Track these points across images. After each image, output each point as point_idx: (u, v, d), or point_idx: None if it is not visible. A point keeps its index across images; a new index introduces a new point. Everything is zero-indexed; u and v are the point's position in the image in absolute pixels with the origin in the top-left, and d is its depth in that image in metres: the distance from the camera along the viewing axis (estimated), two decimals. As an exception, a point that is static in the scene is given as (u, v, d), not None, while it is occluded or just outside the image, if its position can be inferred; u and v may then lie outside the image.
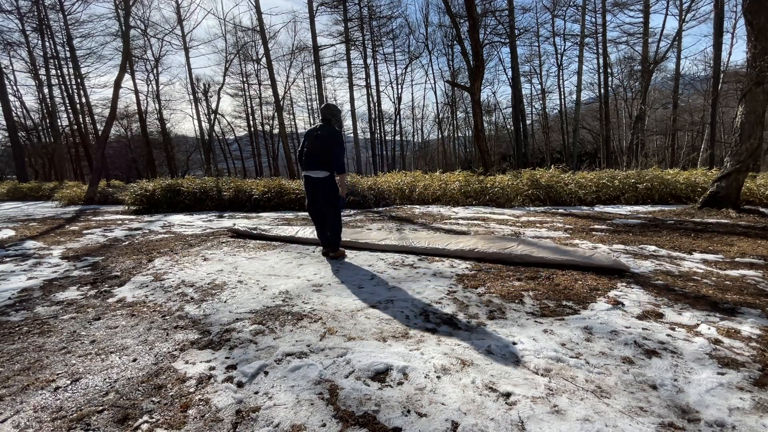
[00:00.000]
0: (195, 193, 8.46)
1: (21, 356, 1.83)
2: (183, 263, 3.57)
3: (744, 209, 5.85)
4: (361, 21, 24.39)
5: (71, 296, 2.70)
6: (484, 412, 1.35)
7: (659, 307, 2.23)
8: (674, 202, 7.38)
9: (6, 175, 28.53)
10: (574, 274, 2.91)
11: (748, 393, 1.42)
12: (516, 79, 20.39)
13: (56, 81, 21.19)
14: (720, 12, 14.14)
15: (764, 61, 5.47)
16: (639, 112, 16.41)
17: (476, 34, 10.25)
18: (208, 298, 2.60)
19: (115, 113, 11.75)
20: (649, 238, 4.11)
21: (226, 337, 1.98)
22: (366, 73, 26.11)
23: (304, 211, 7.66)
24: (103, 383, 1.57)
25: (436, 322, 2.13)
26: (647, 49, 18.22)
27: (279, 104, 17.72)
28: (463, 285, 2.74)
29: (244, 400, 1.44)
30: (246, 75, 28.84)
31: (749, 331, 1.90)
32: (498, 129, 33.20)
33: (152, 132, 26.62)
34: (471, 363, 1.68)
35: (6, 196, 14.00)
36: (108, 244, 4.61)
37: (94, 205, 10.07)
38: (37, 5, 18.32)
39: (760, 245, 3.67)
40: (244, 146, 33.80)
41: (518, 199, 7.76)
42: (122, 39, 11.51)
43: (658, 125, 24.89)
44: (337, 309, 2.34)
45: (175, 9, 21.64)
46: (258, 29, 17.30)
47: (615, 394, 1.44)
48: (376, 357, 1.73)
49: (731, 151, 5.99)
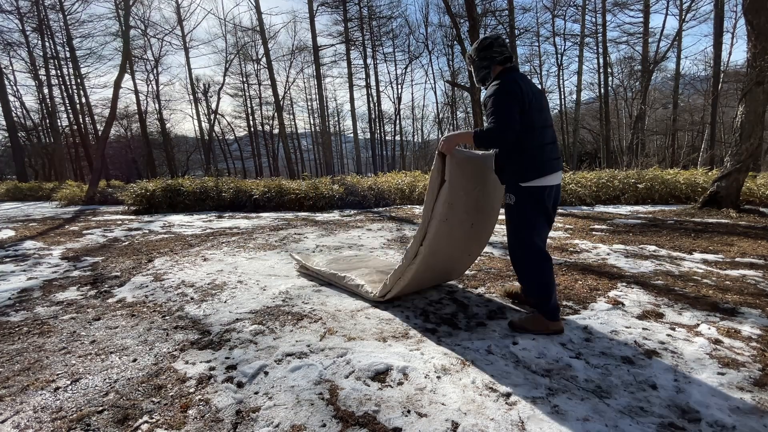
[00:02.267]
0: (195, 193, 8.46)
1: (21, 356, 1.83)
2: (183, 263, 3.57)
3: (744, 209, 5.84)
4: (361, 21, 24.39)
5: (71, 296, 2.70)
6: (484, 412, 1.35)
7: (659, 307, 2.23)
8: (674, 202, 7.38)
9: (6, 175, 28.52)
10: (574, 274, 2.91)
11: (749, 393, 1.42)
12: (516, 79, 20.33)
13: (56, 81, 21.17)
14: (720, 12, 14.13)
15: (764, 60, 5.46)
16: (639, 111, 16.41)
17: (476, 34, 10.25)
18: (208, 298, 2.60)
19: (115, 113, 11.75)
20: (649, 238, 4.11)
21: (226, 338, 1.97)
22: (366, 73, 26.12)
23: (304, 211, 7.65)
24: (103, 383, 1.57)
25: (436, 322, 2.13)
26: (647, 48, 18.22)
27: (279, 104, 17.72)
28: (463, 285, 2.73)
29: (244, 401, 1.44)
30: (246, 75, 28.84)
31: (749, 331, 1.90)
32: (498, 129, 33.11)
33: (152, 132, 26.60)
34: (471, 363, 1.67)
35: (6, 196, 14.00)
36: (108, 245, 4.61)
37: (94, 206, 10.06)
38: (37, 5, 18.31)
39: (760, 245, 3.67)
40: (244, 146, 33.79)
41: (518, 199, 7.75)
42: (122, 39, 11.51)
43: (658, 125, 24.88)
44: (337, 309, 2.34)
45: (175, 9, 21.68)
46: (258, 29, 17.31)
47: (615, 394, 1.43)
48: (376, 357, 1.73)
49: (731, 150, 5.98)
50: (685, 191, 7.50)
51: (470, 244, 2.38)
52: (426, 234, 2.09)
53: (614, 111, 24.75)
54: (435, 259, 2.22)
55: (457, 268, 2.59)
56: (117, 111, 12.69)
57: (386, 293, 2.33)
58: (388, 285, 2.31)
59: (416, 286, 2.44)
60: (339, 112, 37.13)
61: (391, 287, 2.30)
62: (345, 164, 39.94)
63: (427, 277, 2.42)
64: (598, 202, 7.66)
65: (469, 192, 2.10)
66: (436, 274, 2.48)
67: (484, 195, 2.20)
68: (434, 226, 2.03)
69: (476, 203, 2.17)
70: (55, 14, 19.31)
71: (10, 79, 21.31)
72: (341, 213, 7.24)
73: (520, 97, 1.75)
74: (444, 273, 2.55)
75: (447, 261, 2.37)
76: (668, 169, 9.65)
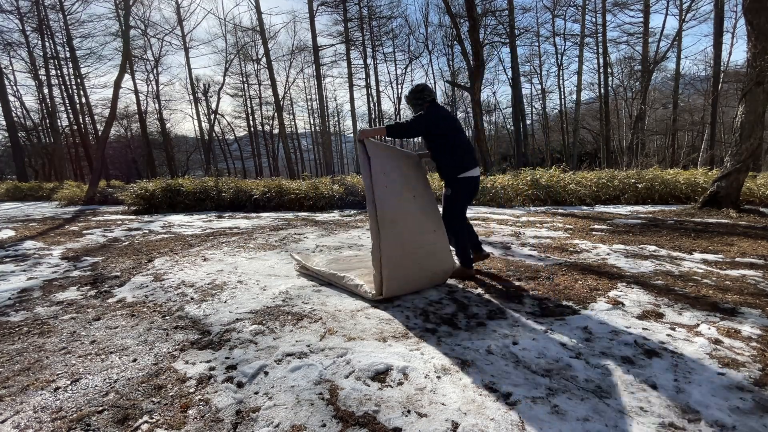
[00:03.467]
0: (195, 193, 8.46)
1: (21, 356, 1.83)
2: (183, 263, 3.57)
3: (744, 209, 5.84)
4: (361, 21, 24.37)
5: (71, 296, 2.70)
6: (484, 412, 1.35)
7: (659, 307, 2.23)
8: (674, 202, 7.38)
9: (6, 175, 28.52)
10: (574, 274, 2.91)
11: (749, 393, 1.42)
12: (516, 79, 20.38)
13: (56, 81, 21.17)
14: (720, 12, 14.13)
15: (764, 60, 5.46)
16: (639, 111, 16.40)
17: (476, 34, 10.25)
18: (208, 298, 2.60)
19: (115, 113, 11.74)
20: (649, 238, 4.11)
21: (227, 338, 1.97)
22: (366, 73, 26.10)
23: (304, 211, 7.66)
24: (103, 383, 1.57)
25: (436, 322, 2.13)
26: (647, 48, 18.22)
27: (279, 104, 17.72)
28: (463, 285, 2.73)
29: (244, 400, 1.44)
30: (246, 75, 28.83)
31: (749, 331, 1.90)
32: (498, 129, 33.19)
33: (152, 132, 26.59)
34: (471, 363, 1.67)
35: (6, 196, 14.00)
36: (108, 245, 4.61)
37: (94, 206, 10.06)
38: (37, 5, 18.31)
39: (760, 245, 3.67)
40: (244, 146, 33.78)
41: (518, 199, 7.76)
42: (122, 39, 11.51)
43: (658, 125, 24.88)
44: (337, 309, 2.34)
45: (175, 9, 21.66)
46: (258, 29, 17.31)
47: (615, 394, 1.43)
48: (376, 357, 1.73)
49: (731, 150, 5.98)
50: (685, 191, 7.50)
51: (425, 220, 2.57)
52: (376, 207, 2.27)
53: (614, 111, 24.76)
54: (399, 231, 2.36)
55: (436, 252, 2.59)
56: (117, 111, 12.69)
57: (380, 287, 2.34)
58: (377, 276, 2.34)
59: (406, 278, 2.44)
60: (339, 112, 37.14)
61: (380, 277, 2.31)
62: (345, 164, 39.93)
63: (410, 265, 2.42)
64: (598, 202, 7.66)
65: (394, 164, 2.50)
66: (419, 260, 2.48)
67: (409, 171, 2.64)
68: (379, 195, 2.28)
69: (406, 177, 2.56)
70: (55, 14, 19.33)
71: (10, 79, 21.31)
72: (341, 213, 7.24)
73: (434, 120, 2.60)
74: (427, 259, 2.53)
75: (415, 237, 2.47)
76: (668, 169, 9.65)
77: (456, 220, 2.74)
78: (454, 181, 2.69)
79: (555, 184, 7.93)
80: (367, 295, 2.43)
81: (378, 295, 2.37)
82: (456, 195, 2.71)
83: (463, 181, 2.68)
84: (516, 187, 7.99)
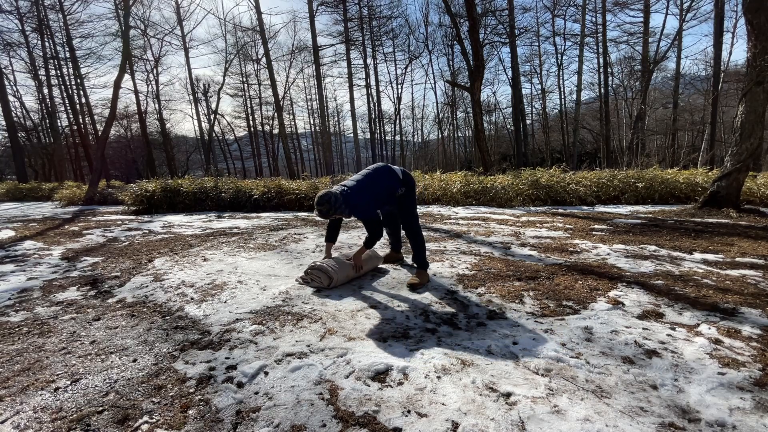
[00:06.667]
0: (195, 193, 8.46)
1: (21, 357, 1.83)
2: (183, 263, 3.57)
3: (744, 209, 5.84)
4: (361, 21, 24.37)
5: (71, 296, 2.70)
6: (484, 412, 1.35)
7: (659, 307, 2.23)
8: (674, 202, 7.38)
9: (6, 175, 28.53)
10: (574, 274, 2.91)
11: (749, 393, 1.42)
12: (516, 78, 20.39)
13: (56, 81, 21.17)
14: (720, 11, 14.13)
15: (764, 60, 5.46)
16: (639, 111, 16.40)
17: (476, 34, 10.25)
18: (208, 298, 2.60)
19: (115, 113, 11.74)
20: (649, 238, 4.11)
21: (226, 338, 1.97)
22: (366, 73, 26.09)
23: (304, 211, 7.67)
24: (103, 384, 1.57)
25: (436, 322, 2.13)
26: (647, 48, 18.23)
27: (279, 104, 17.73)
28: (463, 285, 2.73)
29: (244, 401, 1.44)
30: (246, 75, 28.83)
31: (750, 331, 1.90)
32: (498, 129, 33.18)
33: (152, 132, 26.60)
34: (471, 363, 1.67)
35: (6, 197, 14.00)
36: (108, 245, 4.61)
37: (94, 206, 10.06)
38: (36, 5, 18.31)
39: (760, 245, 3.67)
40: (244, 146, 33.80)
41: (518, 199, 7.75)
42: (122, 39, 11.50)
43: (659, 125, 24.86)
44: (337, 309, 2.34)
45: (175, 9, 21.66)
46: (258, 29, 17.30)
47: (615, 394, 1.43)
48: (377, 357, 1.73)
49: (731, 150, 5.98)
50: (685, 191, 7.50)
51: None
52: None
53: (614, 111, 24.74)
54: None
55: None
56: (117, 111, 12.69)
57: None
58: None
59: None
60: (339, 112, 37.15)
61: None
62: (345, 164, 39.90)
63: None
64: (598, 201, 7.66)
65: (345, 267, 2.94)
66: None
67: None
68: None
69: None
70: (54, 14, 19.32)
71: (10, 79, 21.32)
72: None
73: (363, 209, 2.66)
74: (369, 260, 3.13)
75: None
76: (668, 168, 9.64)
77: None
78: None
79: (555, 184, 7.93)
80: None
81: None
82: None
83: None
84: (516, 187, 7.99)
